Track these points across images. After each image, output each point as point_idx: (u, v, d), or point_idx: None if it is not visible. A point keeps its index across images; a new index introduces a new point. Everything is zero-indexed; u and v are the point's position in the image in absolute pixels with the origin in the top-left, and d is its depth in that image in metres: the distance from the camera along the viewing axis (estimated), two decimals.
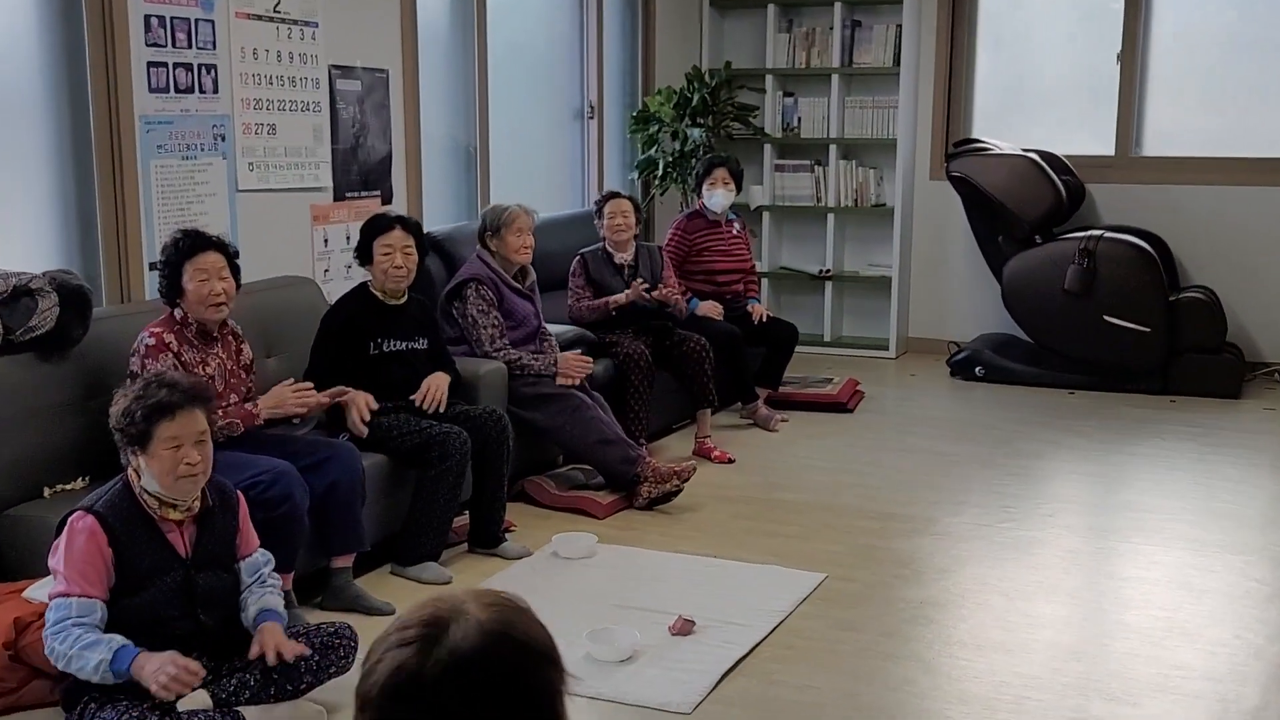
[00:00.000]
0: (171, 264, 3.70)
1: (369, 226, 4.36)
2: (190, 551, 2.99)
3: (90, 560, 2.85)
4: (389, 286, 4.33)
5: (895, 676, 3.48)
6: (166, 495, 2.93)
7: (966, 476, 5.36)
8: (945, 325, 7.85)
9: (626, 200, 5.73)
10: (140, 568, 2.90)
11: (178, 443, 2.88)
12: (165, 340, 3.65)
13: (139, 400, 2.89)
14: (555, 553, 4.36)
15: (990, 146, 7.22)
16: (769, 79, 7.85)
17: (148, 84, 4.30)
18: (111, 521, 2.88)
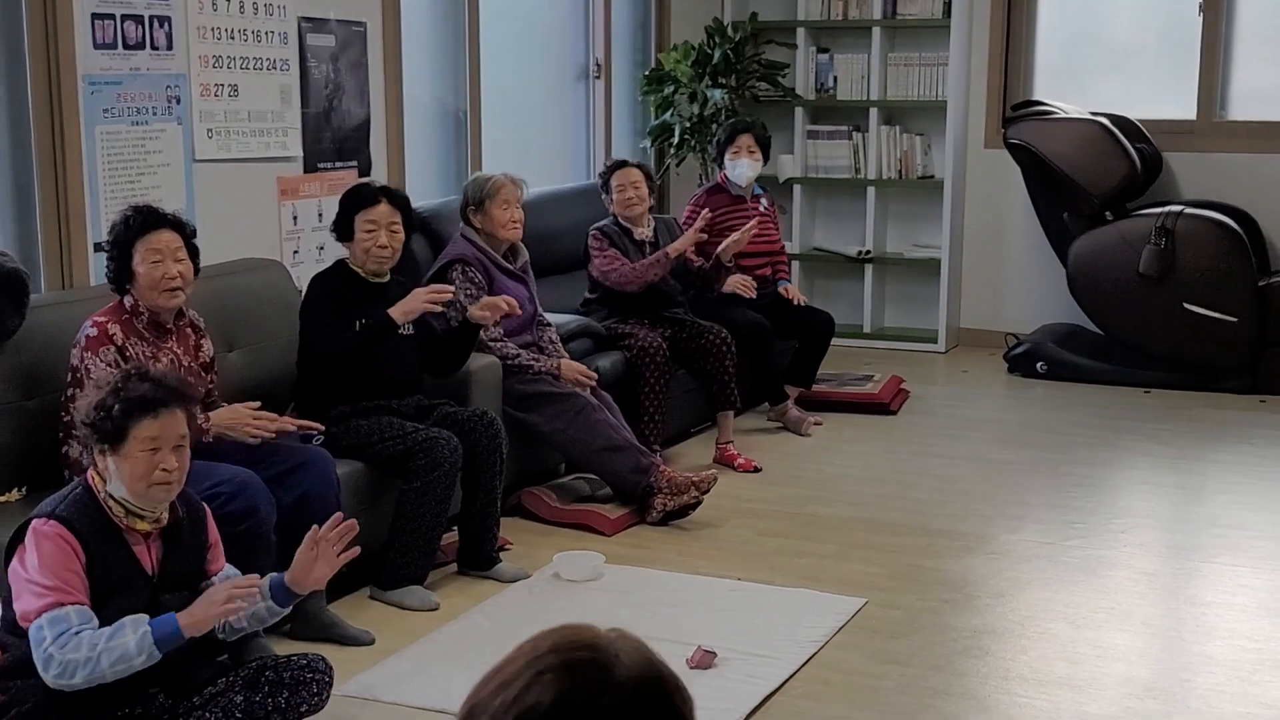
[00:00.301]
0: (120, 244, 3.70)
1: (350, 198, 4.37)
2: (157, 569, 3.01)
3: (68, 564, 2.85)
4: (371, 266, 4.34)
5: (945, 716, 3.48)
6: (134, 504, 2.94)
7: (1026, 488, 5.35)
8: (1002, 315, 7.84)
9: (636, 169, 5.73)
10: (106, 582, 2.91)
11: (156, 445, 2.90)
12: (109, 331, 3.66)
13: (116, 394, 2.90)
14: (557, 574, 4.37)
15: (1054, 110, 7.21)
16: (801, 33, 7.84)
17: (92, 39, 4.30)
18: (78, 525, 2.89)
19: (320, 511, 3.86)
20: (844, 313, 7.59)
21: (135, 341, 3.71)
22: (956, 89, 7.60)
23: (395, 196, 4.39)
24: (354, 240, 4.34)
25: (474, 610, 4.11)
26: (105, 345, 3.64)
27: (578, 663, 1.25)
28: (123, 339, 3.68)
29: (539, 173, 5.65)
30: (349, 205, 4.36)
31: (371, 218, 4.31)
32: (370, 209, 4.32)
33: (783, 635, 3.90)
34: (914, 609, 4.14)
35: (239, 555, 3.53)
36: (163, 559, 3.02)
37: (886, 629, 4.00)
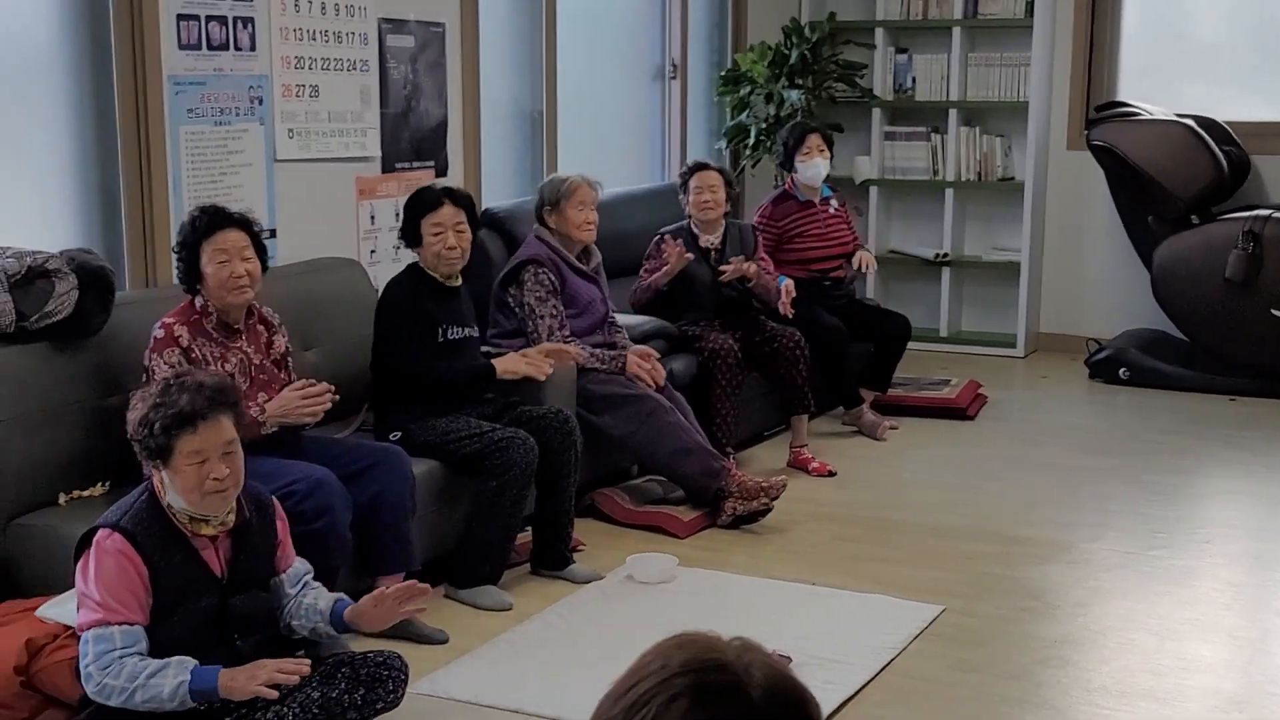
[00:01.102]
0: (188, 246, 3.76)
1: (414, 203, 4.40)
2: (226, 571, 3.04)
3: (126, 583, 2.89)
4: (443, 270, 4.37)
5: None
6: (194, 512, 2.98)
7: (1107, 495, 5.29)
8: (1083, 319, 7.76)
9: (716, 173, 5.73)
10: (172, 589, 2.95)
11: (202, 457, 2.91)
12: (175, 333, 3.71)
13: (157, 409, 2.91)
14: (630, 576, 4.39)
15: (1139, 111, 7.13)
16: (879, 33, 7.81)
17: (177, 40, 4.38)
18: (141, 539, 2.92)
19: (395, 510, 3.92)
20: (920, 316, 7.54)
21: (203, 342, 3.76)
22: (1039, 90, 7.54)
23: (458, 197, 4.40)
24: (423, 245, 4.37)
25: (547, 611, 4.14)
26: (170, 347, 3.70)
27: (711, 685, 1.24)
28: (189, 340, 3.73)
29: (614, 173, 5.68)
30: (413, 211, 4.38)
31: (437, 221, 4.33)
32: (434, 212, 4.33)
33: (858, 641, 3.89)
34: (991, 617, 4.12)
35: (313, 553, 3.57)
36: (231, 560, 3.05)
37: (964, 637, 3.97)
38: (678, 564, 4.43)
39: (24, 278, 3.69)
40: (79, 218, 4.32)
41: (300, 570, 3.24)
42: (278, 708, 3.04)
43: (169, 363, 3.67)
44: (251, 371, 3.85)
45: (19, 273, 3.68)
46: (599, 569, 4.46)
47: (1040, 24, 7.47)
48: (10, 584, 3.61)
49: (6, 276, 3.65)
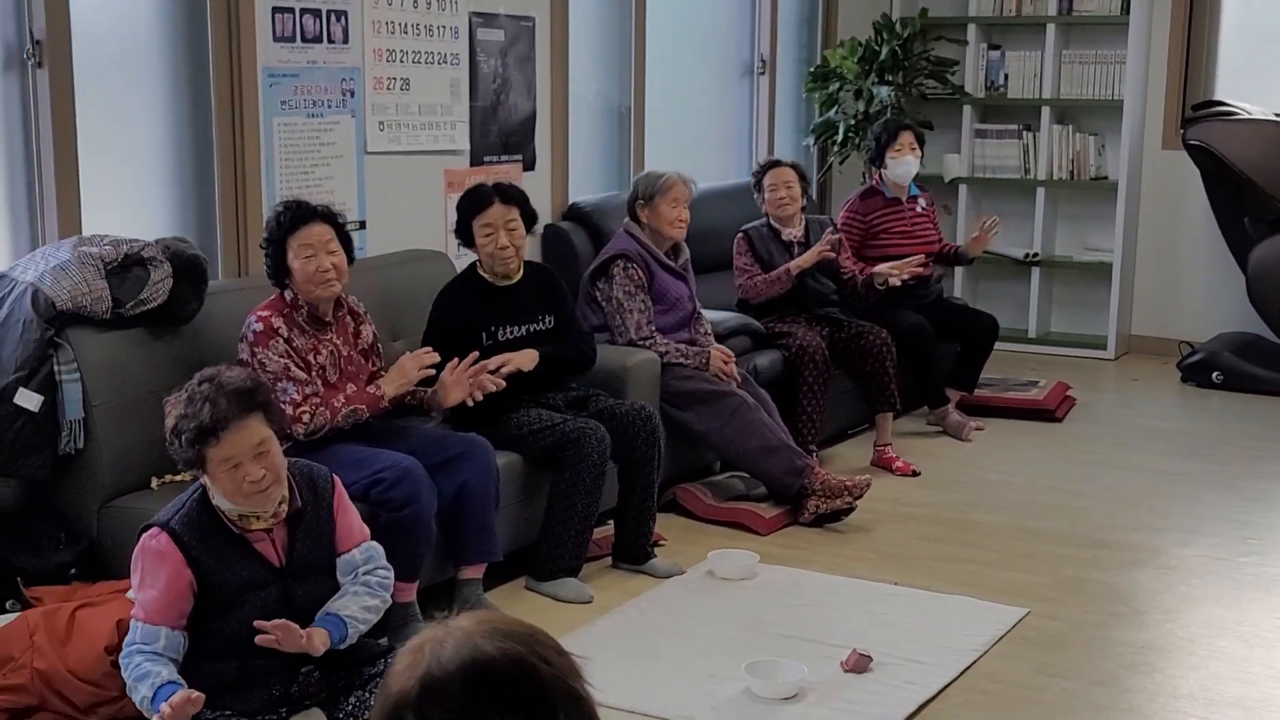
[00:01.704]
0: (275, 242, 3.80)
1: (464, 204, 4.37)
2: (284, 560, 3.02)
3: (160, 583, 2.92)
4: (499, 269, 4.36)
5: None
6: (242, 510, 2.97)
7: (1199, 500, 5.21)
8: (1176, 322, 7.64)
9: (789, 168, 5.71)
10: (229, 585, 2.95)
11: (235, 462, 2.89)
12: (274, 325, 3.77)
13: (184, 419, 2.90)
14: (711, 571, 4.38)
15: (1237, 110, 7.00)
16: (971, 29, 7.73)
17: (272, 32, 4.45)
18: (187, 539, 2.93)
19: (480, 501, 3.95)
20: (1009, 316, 7.46)
21: (296, 334, 3.81)
22: (1134, 88, 7.43)
23: (509, 194, 4.35)
24: (476, 245, 4.37)
25: (628, 605, 4.15)
26: (274, 338, 3.75)
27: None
28: (287, 331, 3.79)
29: (701, 169, 5.67)
30: (464, 212, 4.36)
31: (487, 221, 4.30)
32: (484, 212, 4.30)
33: (941, 642, 3.86)
34: (1078, 621, 4.07)
35: (398, 541, 3.62)
36: (289, 548, 3.02)
37: (1049, 640, 3.93)
38: (759, 561, 4.42)
39: (120, 265, 3.77)
40: (174, 207, 4.40)
41: (355, 560, 3.12)
42: (360, 691, 3.07)
43: (278, 353, 3.72)
44: (340, 363, 3.90)
45: (116, 260, 3.76)
46: (680, 564, 4.46)
47: (1137, 21, 7.36)
48: (103, 565, 3.69)
49: (104, 264, 3.72)
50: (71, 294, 3.64)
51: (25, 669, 3.26)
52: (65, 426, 3.66)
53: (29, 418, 3.60)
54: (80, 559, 3.67)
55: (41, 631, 3.30)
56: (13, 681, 3.25)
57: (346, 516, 3.15)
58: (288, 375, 3.74)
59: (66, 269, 3.67)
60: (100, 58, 4.11)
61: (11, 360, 3.60)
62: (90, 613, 3.38)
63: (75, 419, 3.66)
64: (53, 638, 3.30)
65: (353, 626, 3.03)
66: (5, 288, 3.72)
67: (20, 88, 3.91)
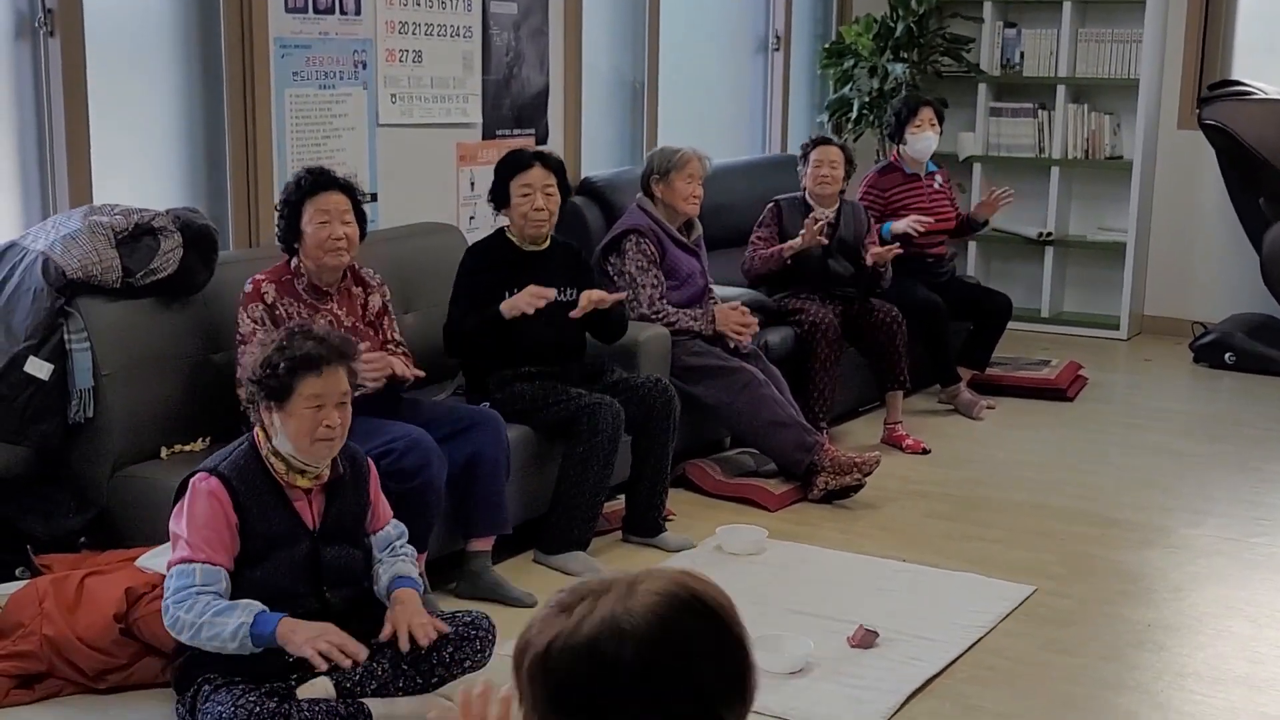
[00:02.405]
0: (291, 204, 3.81)
1: (505, 165, 4.40)
2: (318, 523, 3.10)
3: (214, 525, 2.97)
4: (529, 232, 4.37)
5: (1115, 709, 3.40)
6: (298, 459, 3.03)
7: (1209, 481, 5.19)
8: (1190, 302, 7.60)
9: (837, 149, 5.65)
10: (265, 537, 3.01)
11: (320, 402, 2.98)
12: (261, 290, 3.78)
13: (281, 351, 2.98)
14: (719, 546, 4.38)
15: (1254, 90, 6.95)
16: (987, 6, 7.68)
17: (284, 3, 4.43)
18: (236, 485, 3.00)
19: (490, 472, 3.94)
20: (1022, 295, 7.42)
21: (290, 302, 3.80)
22: (1150, 67, 7.37)
23: (549, 160, 4.40)
24: (510, 206, 4.37)
25: None
26: (255, 302, 3.76)
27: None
28: (274, 298, 3.78)
29: (715, 145, 5.64)
30: (504, 171, 4.38)
31: (526, 181, 4.33)
32: (525, 173, 4.33)
33: (948, 618, 3.85)
34: (1085, 599, 4.05)
35: (409, 511, 3.61)
36: (324, 512, 3.11)
37: (1056, 618, 3.92)
38: (767, 536, 4.41)
39: (131, 235, 3.77)
40: (185, 177, 4.40)
41: (390, 535, 3.27)
42: (368, 663, 3.09)
43: (252, 318, 3.73)
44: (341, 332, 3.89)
45: (126, 230, 3.75)
46: (691, 538, 4.45)
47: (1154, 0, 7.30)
48: (113, 534, 3.70)
49: (114, 233, 3.72)
50: (82, 263, 3.64)
51: (34, 635, 3.27)
52: (75, 395, 3.67)
53: (39, 386, 3.60)
54: (90, 527, 3.68)
55: (51, 598, 3.32)
56: (22, 648, 3.26)
57: (379, 498, 3.28)
58: (253, 339, 3.72)
59: (77, 238, 3.67)
60: (112, 27, 4.10)
61: (22, 329, 3.61)
62: (99, 580, 3.38)
63: (85, 388, 3.67)
64: (62, 605, 3.31)
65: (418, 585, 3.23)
66: (16, 256, 3.72)
67: (32, 56, 3.91)
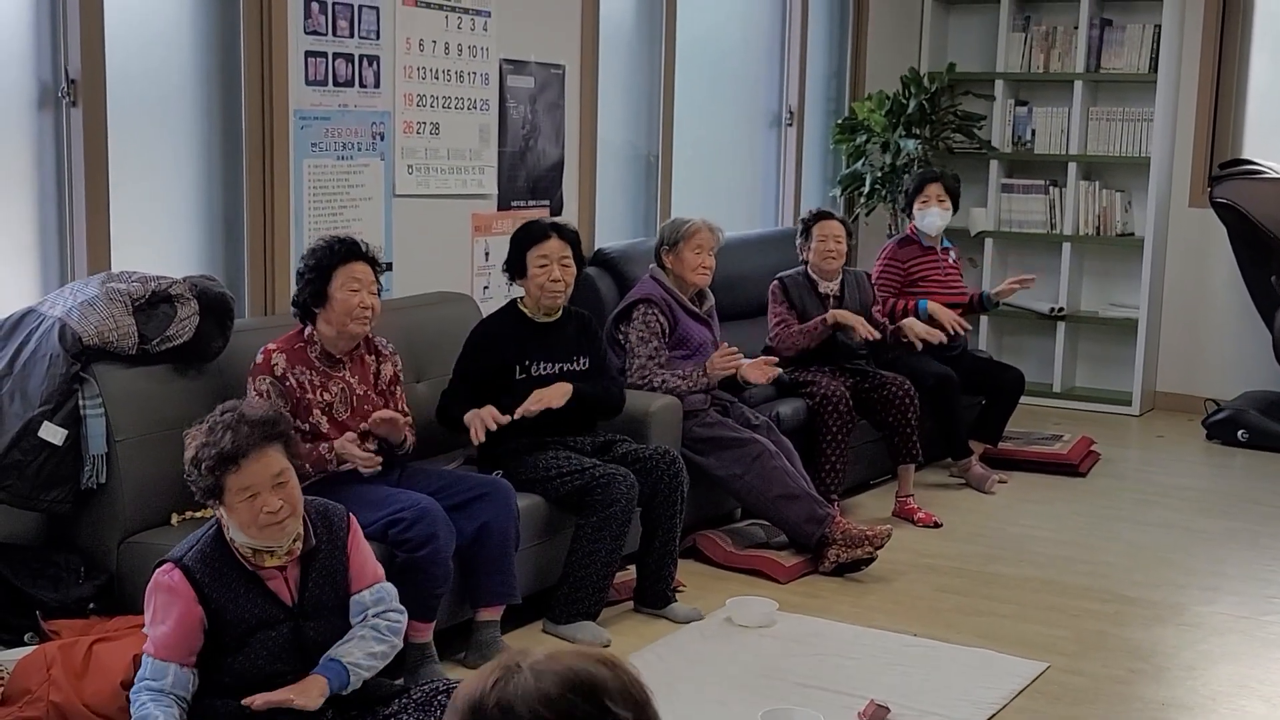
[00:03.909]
0: (322, 269, 3.80)
1: (521, 236, 4.42)
2: (296, 598, 3.01)
3: (171, 620, 2.91)
4: (545, 302, 4.38)
5: None
6: (258, 544, 2.96)
7: (1222, 558, 5.14)
8: (1202, 379, 7.58)
9: (839, 223, 5.68)
10: (240, 623, 2.94)
11: (252, 492, 2.89)
12: (271, 361, 3.77)
13: (204, 448, 2.92)
14: (729, 618, 4.34)
15: (1264, 169, 6.98)
16: (999, 85, 7.74)
17: (305, 76, 4.47)
18: (200, 576, 2.93)
19: (499, 542, 3.92)
20: (1034, 370, 7.41)
21: (302, 370, 3.80)
22: (1161, 145, 7.41)
23: (565, 231, 4.42)
24: (527, 277, 4.39)
25: (645, 650, 4.11)
26: (263, 374, 3.76)
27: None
28: (284, 368, 3.78)
29: (728, 218, 5.67)
30: (521, 242, 4.40)
31: (543, 253, 4.35)
32: (542, 244, 4.35)
33: (959, 695, 3.81)
34: (1098, 677, 4.01)
35: (416, 581, 3.60)
36: (301, 586, 3.02)
37: (1069, 696, 3.87)
38: (778, 609, 4.38)
39: (148, 302, 3.78)
40: (203, 245, 4.42)
41: (365, 601, 3.11)
42: None
43: (259, 390, 3.72)
44: (353, 401, 3.89)
45: (143, 297, 3.77)
46: (700, 609, 4.42)
47: (1165, 79, 7.35)
48: (122, 600, 3.67)
49: (131, 300, 3.73)
50: (98, 329, 3.65)
51: (41, 702, 3.24)
52: (88, 461, 3.66)
53: (53, 451, 3.60)
54: (99, 593, 3.66)
55: (58, 665, 3.29)
56: (28, 714, 3.23)
57: (360, 555, 3.14)
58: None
59: (94, 304, 3.68)
60: (134, 97, 4.14)
61: (37, 394, 3.61)
62: (107, 647, 3.36)
63: (99, 454, 3.66)
64: (69, 671, 3.28)
65: (354, 672, 3.01)
66: (34, 322, 3.73)
67: (54, 125, 3.94)
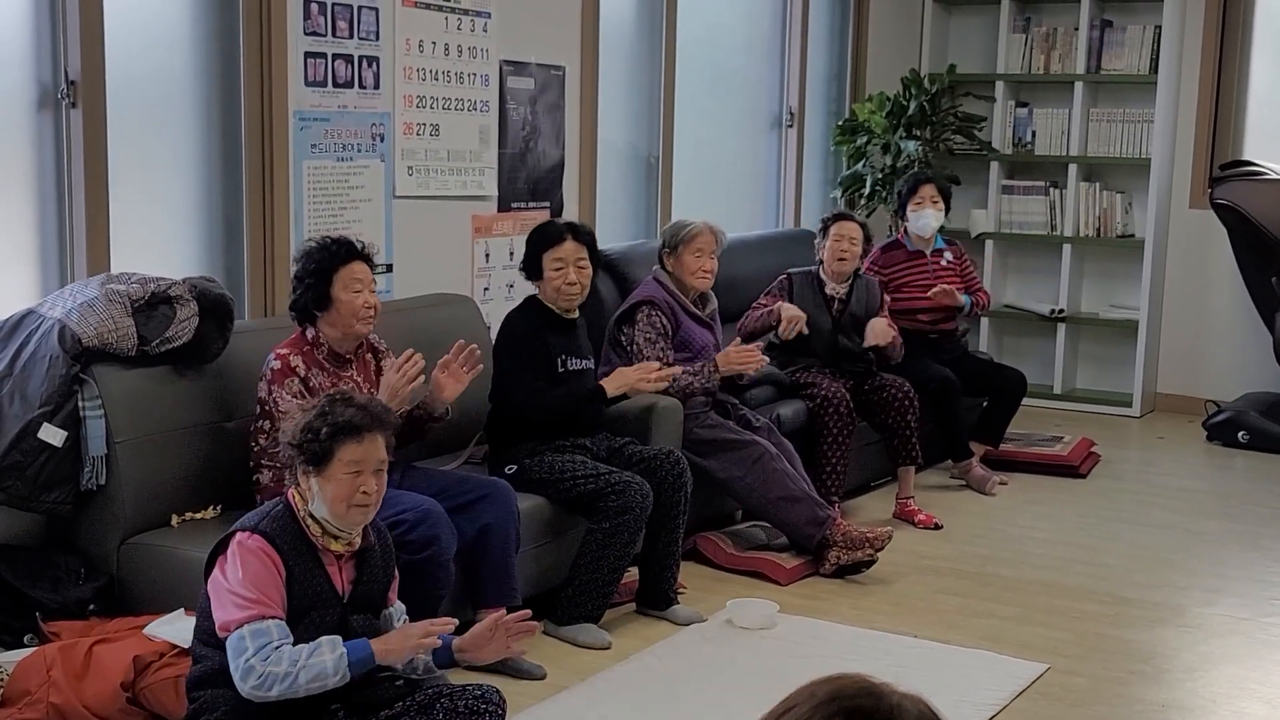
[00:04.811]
0: (322, 270, 3.79)
1: (537, 238, 4.43)
2: (347, 590, 3.07)
3: (271, 580, 2.92)
4: (562, 304, 4.39)
5: None
6: (333, 524, 3.01)
7: (1223, 559, 5.14)
8: (1202, 381, 7.58)
9: (857, 225, 5.64)
10: (304, 596, 2.98)
11: (358, 468, 2.97)
12: (291, 364, 3.76)
13: (323, 417, 2.99)
14: (730, 620, 4.34)
15: (1265, 170, 6.97)
16: (1000, 86, 7.74)
17: (304, 77, 4.47)
18: (280, 542, 2.96)
19: (500, 544, 3.92)
20: (1035, 372, 7.40)
21: (316, 372, 3.81)
22: (1161, 146, 7.40)
23: (580, 233, 4.43)
24: (543, 279, 4.40)
25: (646, 651, 4.11)
26: (289, 377, 3.75)
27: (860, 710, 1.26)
28: (305, 370, 3.78)
29: (728, 220, 5.66)
30: (536, 244, 4.41)
31: (559, 255, 4.36)
32: (557, 247, 4.36)
33: (959, 696, 3.80)
34: (1098, 678, 4.00)
35: (418, 583, 3.60)
36: (354, 581, 3.08)
37: (1069, 697, 3.87)
38: (778, 610, 4.37)
39: (147, 303, 3.77)
40: (203, 247, 4.42)
41: (399, 610, 3.24)
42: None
43: (291, 393, 3.71)
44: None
45: (143, 298, 3.76)
46: (701, 612, 4.41)
47: (1165, 80, 7.35)
48: (122, 601, 3.68)
49: (130, 302, 3.73)
50: (98, 330, 3.65)
51: (41, 704, 3.24)
52: (88, 462, 3.66)
53: (53, 453, 3.60)
54: (99, 595, 3.66)
55: (58, 666, 3.29)
56: (28, 716, 3.23)
57: (396, 574, 3.24)
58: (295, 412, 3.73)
59: (94, 306, 3.68)
60: (133, 98, 4.13)
61: (37, 395, 3.61)
62: (107, 649, 3.36)
63: (98, 455, 3.66)
64: (69, 673, 3.28)
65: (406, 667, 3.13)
66: (33, 324, 3.73)
67: (54, 127, 3.94)
